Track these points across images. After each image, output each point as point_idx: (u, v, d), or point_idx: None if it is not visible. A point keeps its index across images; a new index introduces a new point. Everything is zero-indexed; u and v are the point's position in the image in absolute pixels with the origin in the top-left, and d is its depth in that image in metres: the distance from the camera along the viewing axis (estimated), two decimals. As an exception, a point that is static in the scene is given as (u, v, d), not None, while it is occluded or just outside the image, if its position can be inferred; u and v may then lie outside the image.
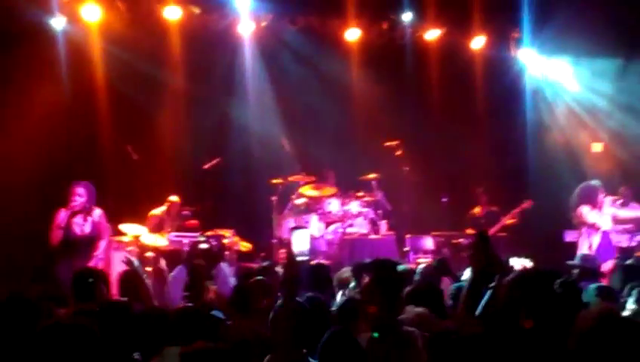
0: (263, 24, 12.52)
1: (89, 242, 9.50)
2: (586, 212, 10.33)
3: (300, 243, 11.04)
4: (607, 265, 9.47)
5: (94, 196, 9.55)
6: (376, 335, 4.59)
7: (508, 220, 12.06)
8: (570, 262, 8.04)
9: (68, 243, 9.29)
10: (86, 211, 9.45)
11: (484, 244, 4.35)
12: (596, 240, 10.28)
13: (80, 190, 9.43)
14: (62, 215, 9.37)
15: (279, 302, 4.85)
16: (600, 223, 10.30)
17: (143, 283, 6.45)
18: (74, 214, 9.37)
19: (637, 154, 12.64)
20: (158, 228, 10.89)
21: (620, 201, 11.19)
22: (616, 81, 12.95)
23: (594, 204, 10.35)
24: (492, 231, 11.50)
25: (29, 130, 10.71)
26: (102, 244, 9.55)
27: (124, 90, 11.60)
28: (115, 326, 4.98)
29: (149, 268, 10.06)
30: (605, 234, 10.31)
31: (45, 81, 10.91)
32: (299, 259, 5.82)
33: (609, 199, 10.58)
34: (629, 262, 8.73)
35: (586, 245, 10.30)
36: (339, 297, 6.61)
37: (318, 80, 13.16)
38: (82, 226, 9.44)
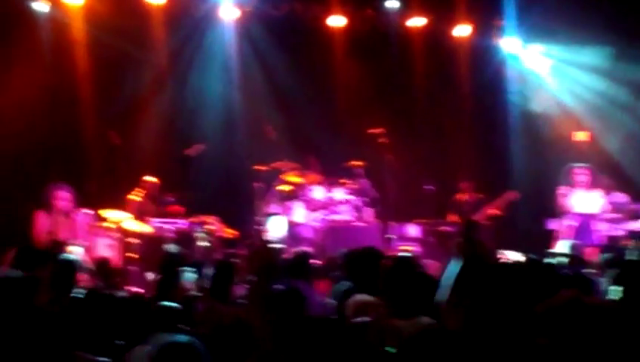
0: (247, 10, 12.45)
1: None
2: (559, 193, 10.37)
3: (277, 230, 11.02)
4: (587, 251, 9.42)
5: (75, 199, 9.51)
6: None
7: (491, 210, 12.05)
8: (554, 251, 8.04)
9: (53, 247, 9.19)
10: (70, 215, 9.41)
11: (473, 232, 4.32)
12: (572, 223, 10.34)
13: (63, 194, 9.38)
14: (43, 219, 9.29)
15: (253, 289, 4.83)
16: (570, 206, 10.32)
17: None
18: (61, 217, 9.30)
19: (622, 144, 12.66)
20: (139, 213, 10.80)
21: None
22: (602, 69, 12.92)
23: (569, 185, 10.39)
24: (477, 218, 11.49)
25: (10, 113, 10.59)
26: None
27: (107, 74, 11.49)
28: (99, 313, 4.95)
29: (132, 254, 10.08)
30: (581, 218, 10.32)
31: (27, 65, 10.78)
32: (274, 246, 5.76)
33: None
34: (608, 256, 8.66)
35: (563, 229, 10.37)
36: None
37: (302, 66, 13.11)
38: (66, 231, 9.36)
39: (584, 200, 10.49)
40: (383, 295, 4.72)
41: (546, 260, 7.51)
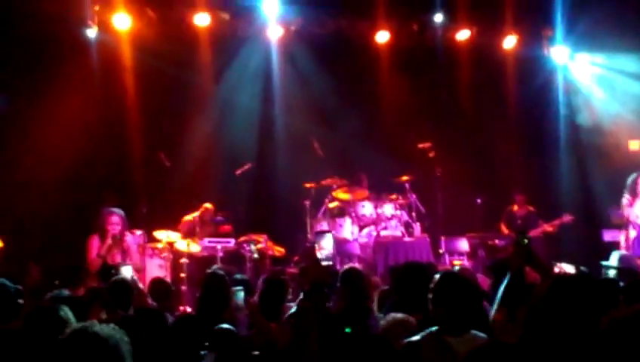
0: (292, 28, 12.53)
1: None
2: (623, 203, 10.16)
3: (327, 248, 11.01)
4: None
5: (127, 223, 9.70)
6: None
7: (548, 228, 11.86)
8: (604, 263, 7.85)
9: (104, 270, 9.31)
10: (121, 239, 9.58)
11: (526, 243, 4.22)
12: (632, 233, 10.10)
13: (115, 218, 9.55)
14: (96, 242, 9.48)
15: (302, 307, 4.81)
16: (633, 215, 10.09)
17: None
18: (113, 243, 9.48)
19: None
20: (190, 233, 10.93)
21: None
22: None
23: (634, 194, 10.17)
24: (531, 233, 11.33)
25: (63, 138, 10.78)
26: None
27: (156, 96, 11.67)
28: (151, 332, 4.99)
29: (183, 274, 10.19)
30: None
31: (79, 90, 10.98)
32: (324, 263, 5.74)
33: None
34: None
35: (622, 238, 10.14)
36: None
37: (348, 83, 13.13)
38: (118, 254, 9.55)
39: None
40: (432, 310, 4.66)
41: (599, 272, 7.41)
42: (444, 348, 4.31)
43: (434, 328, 4.51)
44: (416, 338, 4.44)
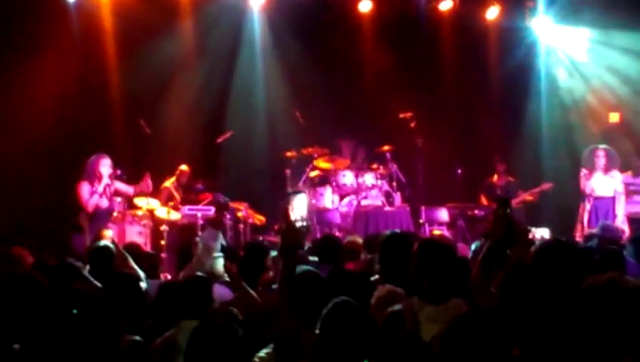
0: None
1: (108, 214, 9.90)
2: (581, 176, 10.29)
3: (299, 209, 11.00)
4: None
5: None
6: None
7: (527, 197, 11.94)
8: (589, 231, 7.95)
9: (96, 214, 9.72)
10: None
11: (506, 211, 4.21)
12: (587, 206, 10.24)
13: (107, 161, 9.89)
14: (86, 187, 9.72)
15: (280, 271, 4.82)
16: (589, 188, 10.21)
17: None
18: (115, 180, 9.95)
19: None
20: (168, 199, 10.92)
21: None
22: (634, 50, 12.65)
23: (590, 168, 10.29)
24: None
25: (42, 103, 10.70)
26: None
27: (136, 64, 11.53)
28: (129, 298, 4.99)
29: (163, 242, 10.17)
30: (600, 201, 10.22)
31: (58, 54, 10.86)
32: (298, 225, 5.72)
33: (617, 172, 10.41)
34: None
35: (580, 211, 10.29)
36: None
37: (330, 52, 13.06)
38: (105, 199, 9.87)
39: (604, 182, 10.38)
40: (412, 279, 4.67)
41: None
42: (426, 316, 4.33)
43: (415, 297, 4.53)
44: (397, 307, 4.45)
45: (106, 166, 9.86)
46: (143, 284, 6.03)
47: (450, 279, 4.52)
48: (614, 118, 12.96)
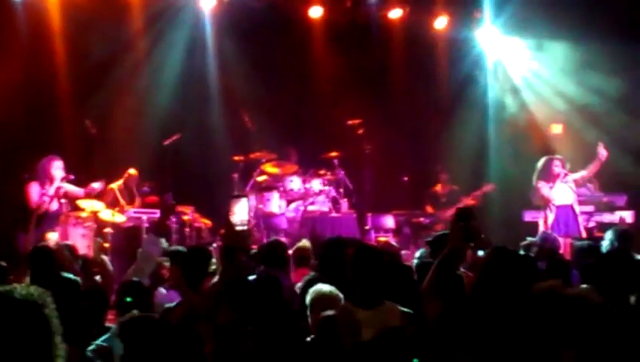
0: (226, 0, 12.40)
1: (56, 217, 9.76)
2: (540, 186, 10.42)
3: (240, 213, 10.98)
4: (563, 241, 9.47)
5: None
6: None
7: (469, 201, 12.10)
8: (529, 239, 8.08)
9: (44, 216, 9.61)
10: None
11: (467, 223, 4.23)
12: (551, 216, 10.40)
13: (59, 163, 9.77)
14: (36, 188, 9.60)
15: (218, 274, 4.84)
16: (552, 197, 10.37)
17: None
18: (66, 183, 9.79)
19: (598, 136, 12.65)
20: (113, 202, 10.81)
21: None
22: (578, 63, 12.90)
23: (547, 178, 10.44)
24: (452, 210, 11.53)
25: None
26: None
27: (84, 64, 11.40)
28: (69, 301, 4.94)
29: (107, 245, 10.05)
30: (561, 209, 10.39)
31: (4, 53, 10.68)
32: (238, 228, 5.72)
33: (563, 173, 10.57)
34: (581, 243, 8.69)
35: (541, 221, 10.44)
36: None
37: (281, 57, 13.09)
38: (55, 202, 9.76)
39: (563, 190, 10.55)
40: (348, 283, 4.73)
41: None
42: (353, 323, 4.39)
43: (348, 301, 4.60)
44: (331, 312, 4.50)
45: (58, 168, 9.75)
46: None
47: (382, 284, 4.60)
48: (557, 128, 13.20)
